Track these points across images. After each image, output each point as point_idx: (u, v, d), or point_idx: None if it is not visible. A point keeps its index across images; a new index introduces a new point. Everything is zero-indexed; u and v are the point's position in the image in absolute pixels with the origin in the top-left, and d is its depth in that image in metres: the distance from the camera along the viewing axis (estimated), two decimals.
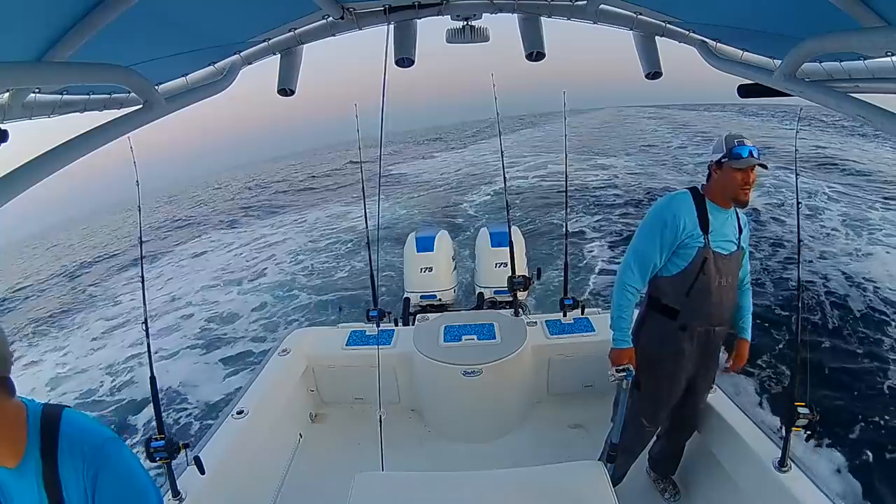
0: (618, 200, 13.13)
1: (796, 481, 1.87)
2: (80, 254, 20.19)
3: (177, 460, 1.94)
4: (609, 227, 10.72)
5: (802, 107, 1.81)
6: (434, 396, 3.04)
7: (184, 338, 7.40)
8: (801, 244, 2.47)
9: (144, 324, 2.14)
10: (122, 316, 9.35)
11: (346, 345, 3.14)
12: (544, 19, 1.89)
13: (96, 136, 1.25)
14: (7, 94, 1.17)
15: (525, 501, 1.69)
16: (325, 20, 1.81)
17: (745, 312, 2.22)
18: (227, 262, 12.07)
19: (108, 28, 1.13)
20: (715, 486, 2.34)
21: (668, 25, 1.86)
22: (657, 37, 1.92)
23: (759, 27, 1.47)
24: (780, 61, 1.37)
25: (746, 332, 2.22)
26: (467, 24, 1.94)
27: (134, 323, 8.39)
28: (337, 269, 9.76)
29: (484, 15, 1.91)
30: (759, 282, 7.49)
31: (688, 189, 2.03)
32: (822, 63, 1.38)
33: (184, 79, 1.76)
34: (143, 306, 2.24)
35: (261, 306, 8.29)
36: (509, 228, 3.58)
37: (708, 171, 2.02)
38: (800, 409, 1.87)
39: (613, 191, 14.43)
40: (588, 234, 10.34)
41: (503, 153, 3.96)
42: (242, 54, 1.86)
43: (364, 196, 3.67)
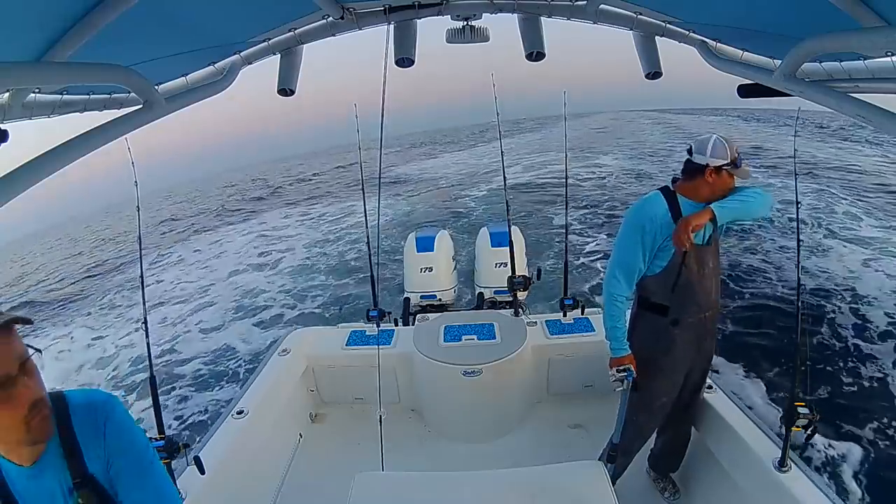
0: (608, 199, 13.65)
1: (796, 481, 1.87)
2: (89, 253, 20.54)
3: (177, 460, 1.94)
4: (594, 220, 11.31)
5: (800, 107, 1.80)
6: (434, 396, 3.04)
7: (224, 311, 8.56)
8: (801, 244, 2.47)
9: (144, 324, 2.14)
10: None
11: (346, 345, 3.14)
12: (544, 19, 1.89)
13: (96, 136, 1.25)
14: (7, 94, 1.17)
15: (525, 501, 1.69)
16: (325, 20, 1.81)
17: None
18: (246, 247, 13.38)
19: (108, 28, 1.13)
20: (715, 486, 2.34)
21: (668, 25, 1.86)
22: (657, 37, 1.92)
23: (759, 27, 1.47)
24: (780, 61, 1.37)
25: (718, 203, 1.92)
26: (467, 24, 1.94)
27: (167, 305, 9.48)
28: (337, 268, 9.77)
29: (484, 15, 1.91)
30: (758, 282, 7.51)
31: (658, 190, 2.03)
32: (822, 63, 1.38)
33: (184, 79, 1.76)
34: (142, 306, 2.24)
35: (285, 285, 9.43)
36: (509, 228, 3.58)
37: (691, 169, 1.96)
38: (800, 409, 1.87)
39: (607, 191, 14.90)
40: (575, 226, 10.86)
41: (503, 154, 3.96)
42: (242, 54, 1.86)
43: (364, 197, 3.67)
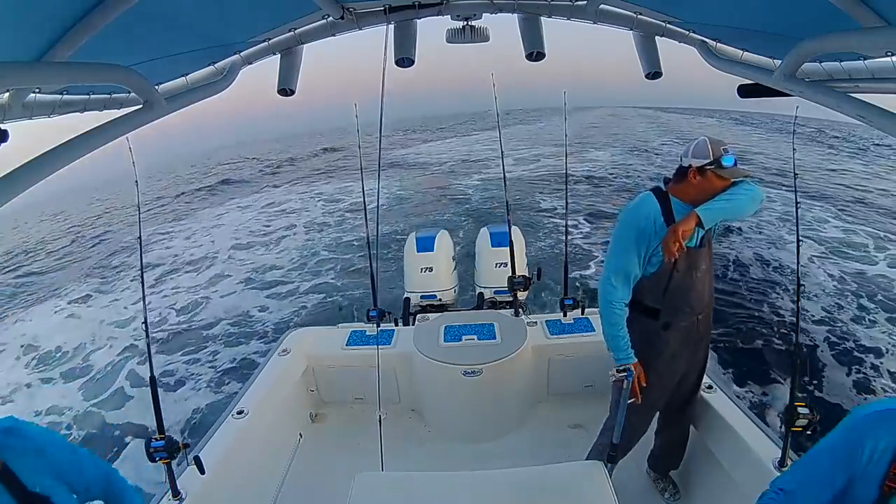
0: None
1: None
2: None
3: (177, 460, 1.94)
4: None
5: (799, 105, 1.79)
6: (434, 396, 3.03)
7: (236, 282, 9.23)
8: (800, 244, 2.47)
9: (144, 323, 2.14)
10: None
11: (346, 345, 3.14)
12: (544, 19, 1.89)
13: (96, 136, 1.25)
14: (7, 94, 1.17)
15: (525, 501, 1.69)
16: (325, 20, 1.81)
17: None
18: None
19: (108, 28, 1.13)
20: (715, 486, 2.34)
21: (668, 25, 1.86)
22: (657, 37, 1.92)
23: (759, 27, 1.47)
24: (780, 61, 1.37)
25: (703, 206, 1.85)
26: (467, 24, 1.94)
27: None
28: (337, 269, 9.77)
29: (484, 15, 1.91)
30: (758, 283, 7.52)
31: (650, 191, 1.97)
32: (822, 63, 1.38)
33: (184, 79, 1.76)
34: (142, 306, 2.23)
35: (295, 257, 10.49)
36: (509, 228, 3.58)
37: (679, 171, 1.94)
38: (800, 409, 1.87)
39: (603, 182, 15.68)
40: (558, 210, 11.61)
41: (503, 154, 3.96)
42: (242, 54, 1.86)
43: (364, 198, 3.67)
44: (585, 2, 1.75)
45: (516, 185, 14.98)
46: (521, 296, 3.62)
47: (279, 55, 1.95)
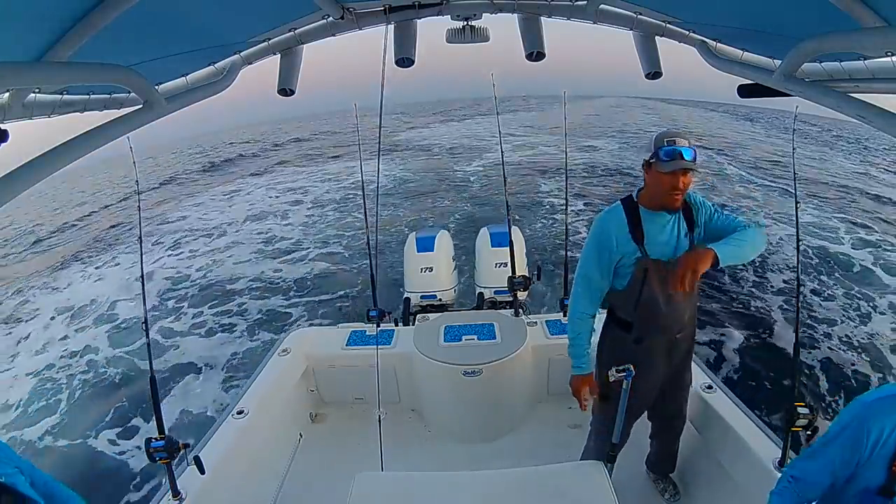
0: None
1: None
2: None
3: (177, 460, 1.94)
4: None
5: (798, 104, 1.78)
6: (434, 396, 3.03)
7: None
8: (800, 244, 2.47)
9: (144, 324, 2.14)
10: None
11: (346, 345, 3.13)
12: (544, 19, 1.89)
13: (96, 136, 1.25)
14: (7, 94, 1.18)
15: (525, 501, 1.69)
16: (325, 20, 1.81)
17: (733, 234, 1.82)
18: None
19: (108, 28, 1.13)
20: (715, 486, 2.34)
21: (668, 25, 1.86)
22: (657, 37, 1.92)
23: (759, 27, 1.47)
24: (780, 61, 1.37)
25: (720, 245, 1.74)
26: (467, 24, 1.94)
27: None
28: (337, 269, 9.77)
29: (484, 15, 1.91)
30: (758, 282, 7.52)
31: (621, 200, 1.90)
32: (822, 63, 1.38)
33: (184, 79, 1.76)
34: (143, 306, 2.23)
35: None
36: (509, 228, 3.58)
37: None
38: (800, 409, 1.86)
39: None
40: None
41: (503, 155, 3.97)
42: (242, 54, 1.86)
43: (364, 198, 3.67)
44: (585, 2, 1.75)
45: (518, 170, 15.91)
46: (521, 296, 3.63)
47: (279, 55, 1.95)
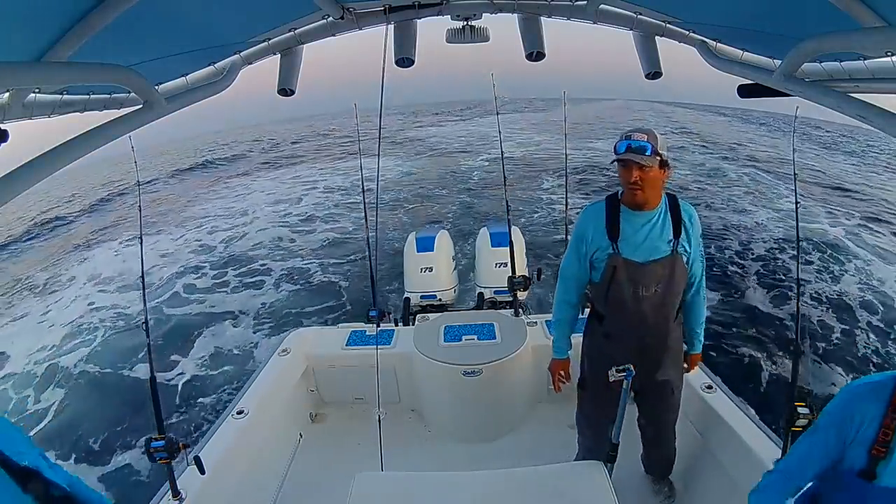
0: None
1: None
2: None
3: (177, 460, 1.94)
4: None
5: (798, 106, 1.79)
6: (434, 396, 3.03)
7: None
8: (801, 244, 2.47)
9: (145, 324, 2.14)
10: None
11: (346, 345, 3.13)
12: (544, 19, 1.89)
13: (96, 136, 1.25)
14: (7, 94, 1.17)
15: (525, 501, 1.69)
16: (325, 20, 1.81)
17: (693, 324, 2.08)
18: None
19: (108, 28, 1.13)
20: (715, 486, 2.34)
21: (668, 25, 1.86)
22: (657, 37, 1.92)
23: (759, 27, 1.47)
24: (780, 61, 1.37)
25: (693, 345, 2.12)
26: (467, 24, 1.94)
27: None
28: (337, 269, 9.77)
29: (484, 15, 1.91)
30: (758, 281, 7.52)
31: (607, 196, 1.94)
32: (822, 63, 1.38)
33: (184, 79, 1.76)
34: (143, 306, 2.24)
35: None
36: (509, 228, 3.58)
37: None
38: (800, 409, 1.86)
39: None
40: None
41: (503, 155, 3.97)
42: (242, 54, 1.86)
43: (364, 198, 3.67)
44: (585, 2, 1.75)
45: (519, 167, 16.52)
46: (521, 296, 3.63)
47: (279, 55, 1.95)
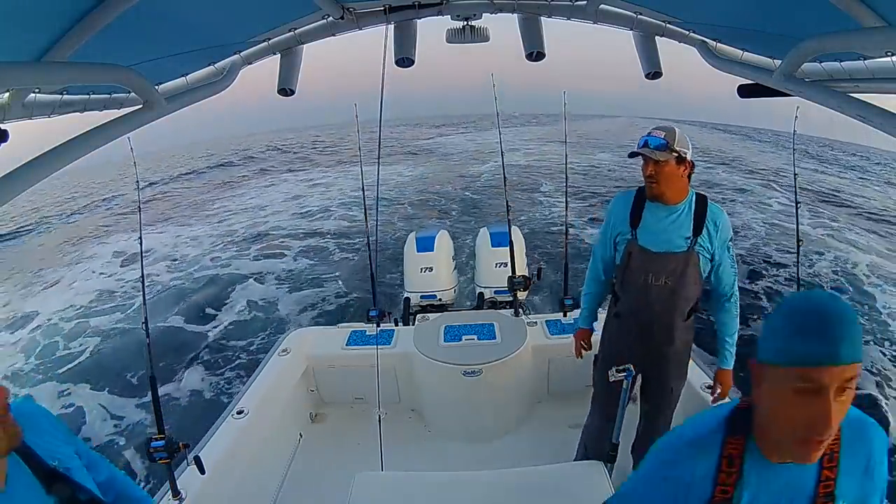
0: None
1: None
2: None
3: (177, 460, 1.94)
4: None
5: (799, 106, 1.80)
6: (434, 396, 3.03)
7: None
8: (801, 244, 2.47)
9: (144, 324, 2.14)
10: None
11: (346, 345, 3.13)
12: (544, 19, 1.89)
13: (96, 136, 1.25)
14: (7, 94, 1.17)
15: (525, 501, 1.69)
16: (325, 20, 1.81)
17: (723, 334, 2.06)
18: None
19: (108, 28, 1.13)
20: None
21: (668, 25, 1.86)
22: (657, 37, 1.92)
23: (759, 27, 1.47)
24: (780, 61, 1.37)
25: (724, 360, 2.07)
26: (467, 24, 1.94)
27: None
28: (337, 269, 9.77)
29: (484, 15, 1.91)
30: (758, 281, 7.52)
31: (639, 187, 2.01)
32: (822, 63, 1.38)
33: (184, 79, 1.76)
34: (143, 307, 2.23)
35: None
36: (509, 228, 3.58)
37: None
38: None
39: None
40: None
41: (503, 154, 3.96)
42: (242, 54, 1.86)
43: (364, 198, 3.67)
44: (585, 2, 1.75)
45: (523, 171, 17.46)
46: (521, 296, 3.63)
47: (279, 55, 1.95)
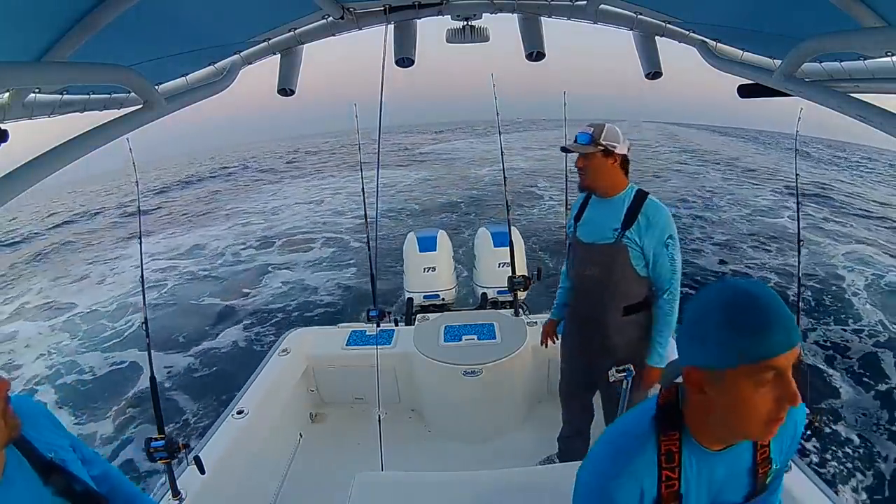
0: None
1: (796, 481, 1.87)
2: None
3: (177, 460, 1.94)
4: None
5: (802, 107, 1.80)
6: (434, 396, 3.03)
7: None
8: (801, 244, 2.47)
9: (144, 324, 2.14)
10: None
11: (346, 345, 3.13)
12: (544, 19, 1.89)
13: (96, 136, 1.25)
14: (7, 94, 1.17)
15: (525, 501, 1.69)
16: (325, 20, 1.81)
17: (654, 331, 1.93)
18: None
19: (108, 28, 1.13)
20: None
21: (668, 25, 1.85)
22: (657, 37, 1.92)
23: (759, 27, 1.47)
24: (780, 61, 1.36)
25: (650, 356, 1.93)
26: (467, 24, 1.94)
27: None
28: (337, 269, 9.77)
29: (484, 15, 1.91)
30: (756, 278, 7.52)
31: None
32: (822, 63, 1.38)
33: (184, 79, 1.76)
34: (143, 307, 2.23)
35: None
36: (509, 228, 3.58)
37: None
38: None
39: None
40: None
41: (503, 154, 3.96)
42: (242, 54, 1.86)
43: (364, 198, 3.67)
44: (585, 2, 1.75)
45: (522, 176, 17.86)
46: (521, 296, 3.63)
47: (279, 55, 1.95)
